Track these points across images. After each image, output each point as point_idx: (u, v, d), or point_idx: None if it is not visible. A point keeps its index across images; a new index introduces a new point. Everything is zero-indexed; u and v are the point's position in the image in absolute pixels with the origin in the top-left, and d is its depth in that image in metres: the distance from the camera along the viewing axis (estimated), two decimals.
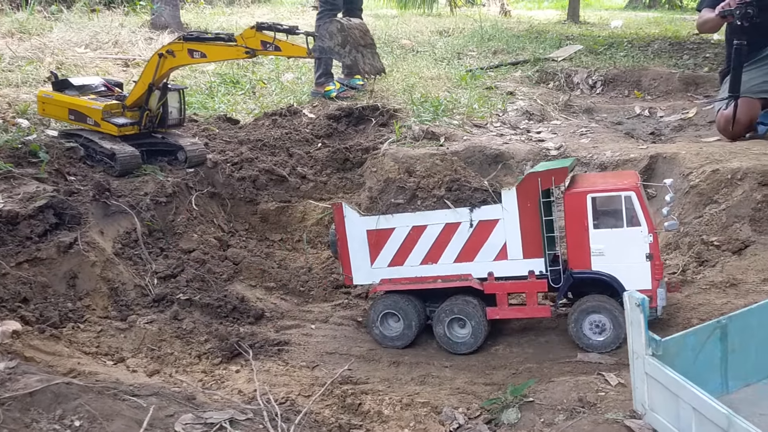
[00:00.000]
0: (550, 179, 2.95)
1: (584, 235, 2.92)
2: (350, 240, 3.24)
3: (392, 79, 6.40)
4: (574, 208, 2.92)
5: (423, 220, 3.15)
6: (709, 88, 6.81)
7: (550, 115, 6.17)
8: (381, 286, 3.25)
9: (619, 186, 2.87)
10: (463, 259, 3.14)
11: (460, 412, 2.67)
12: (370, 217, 3.23)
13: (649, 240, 2.84)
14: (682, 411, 1.72)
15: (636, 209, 2.84)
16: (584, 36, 9.54)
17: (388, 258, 3.23)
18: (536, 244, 3.04)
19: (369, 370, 3.12)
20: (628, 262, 2.88)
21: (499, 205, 3.05)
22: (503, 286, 3.13)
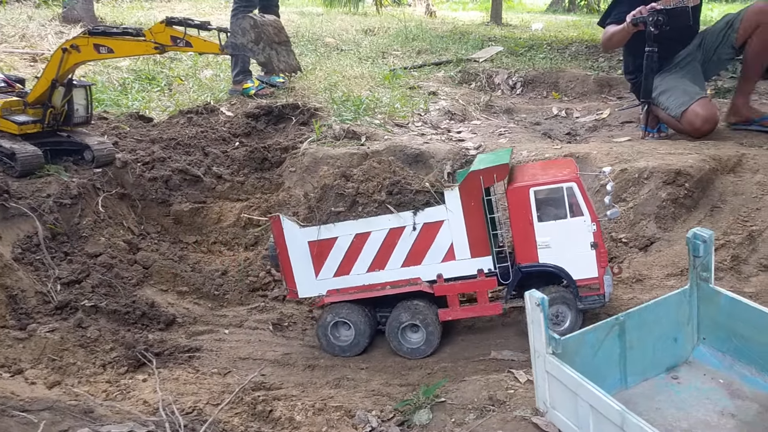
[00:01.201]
0: (492, 176, 2.93)
1: (529, 229, 2.91)
2: (291, 253, 3.11)
3: (314, 77, 6.33)
4: (517, 202, 2.90)
5: (366, 227, 3.05)
6: (622, 89, 7.04)
7: (471, 115, 6.24)
8: (328, 297, 3.14)
9: (560, 178, 2.89)
10: (411, 263, 3.08)
11: (373, 414, 2.64)
12: (310, 227, 3.09)
13: (592, 229, 2.88)
14: (580, 408, 1.74)
15: (578, 199, 2.87)
16: (506, 38, 9.72)
17: (333, 268, 3.13)
18: (483, 243, 3.02)
19: (283, 375, 3.06)
20: (573, 252, 2.91)
21: (442, 206, 3.00)
22: (453, 287, 3.09)
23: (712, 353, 2.12)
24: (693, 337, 2.16)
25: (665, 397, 2.02)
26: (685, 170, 3.85)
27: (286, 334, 3.41)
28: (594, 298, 2.93)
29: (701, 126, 4.41)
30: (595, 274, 2.90)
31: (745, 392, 1.97)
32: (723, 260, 3.40)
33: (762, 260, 3.35)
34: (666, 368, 2.13)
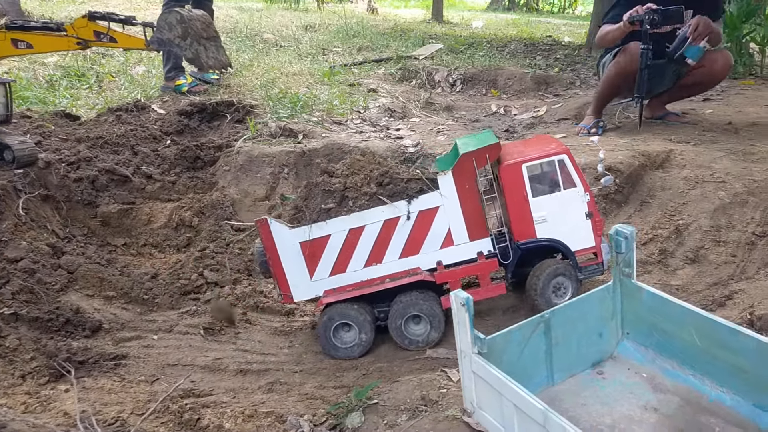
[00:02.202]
0: (484, 157, 2.89)
1: (525, 206, 2.90)
2: (283, 256, 2.98)
3: (251, 74, 6.21)
4: (511, 180, 2.88)
5: (360, 221, 2.96)
6: (558, 87, 7.17)
7: (411, 113, 6.23)
8: (326, 298, 3.02)
9: (551, 151, 2.89)
10: (409, 253, 3.01)
11: (305, 419, 2.59)
12: (300, 227, 2.96)
13: (586, 198, 2.91)
14: (505, 408, 1.73)
15: (570, 171, 2.88)
16: (447, 35, 9.77)
17: (328, 267, 3.02)
18: (480, 225, 2.98)
19: (213, 381, 2.97)
20: (570, 224, 2.92)
21: (437, 192, 2.93)
22: (455, 273, 3.02)
23: (636, 348, 2.15)
24: (617, 332, 2.18)
25: (591, 393, 2.03)
26: (615, 166, 3.93)
27: (218, 338, 3.32)
28: (593, 267, 2.98)
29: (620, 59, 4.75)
30: (593, 244, 2.95)
31: (666, 386, 2.00)
32: (651, 254, 3.48)
33: (688, 253, 3.45)
34: (591, 364, 2.15)
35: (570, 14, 19.05)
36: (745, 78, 6.89)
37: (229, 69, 3.87)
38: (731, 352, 1.83)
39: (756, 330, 2.69)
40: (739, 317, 2.80)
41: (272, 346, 3.25)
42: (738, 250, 3.39)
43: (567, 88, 7.12)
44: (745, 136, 4.66)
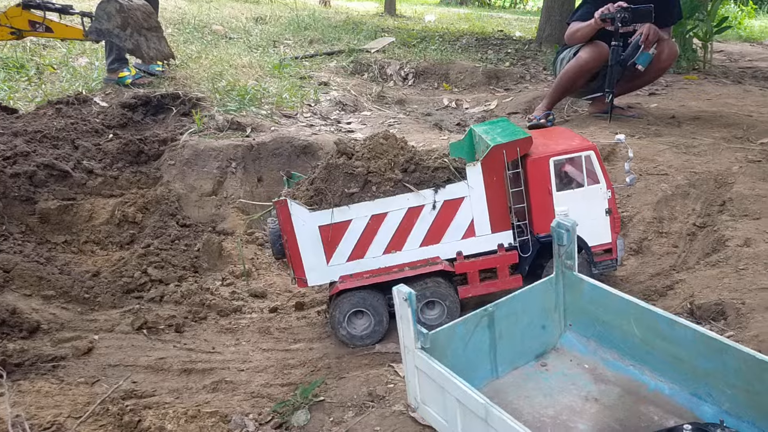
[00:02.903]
0: (515, 150, 2.84)
1: (548, 199, 2.87)
2: (300, 239, 2.87)
3: (198, 66, 6.07)
4: (537, 173, 2.85)
5: (383, 207, 2.86)
6: (509, 81, 7.24)
7: (363, 106, 6.20)
8: (343, 284, 2.94)
9: (579, 146, 2.87)
10: (430, 242, 2.94)
11: (250, 418, 2.54)
12: (321, 211, 2.86)
13: (608, 196, 2.90)
14: (448, 403, 1.72)
15: (595, 167, 2.86)
16: (399, 29, 9.76)
17: (346, 253, 2.93)
18: (504, 217, 2.93)
19: (156, 381, 2.89)
20: (590, 220, 2.90)
21: (464, 183, 2.86)
22: (474, 264, 2.97)
23: (578, 339, 2.17)
24: (560, 323, 2.20)
25: (534, 385, 2.04)
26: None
27: (162, 337, 3.23)
28: (608, 262, 2.98)
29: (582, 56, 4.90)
30: (609, 240, 2.95)
31: (607, 376, 2.03)
32: None
33: (632, 245, 3.51)
34: (535, 356, 2.16)
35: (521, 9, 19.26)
36: (688, 73, 7.07)
37: (173, 60, 3.75)
38: (669, 343, 1.86)
39: (696, 319, 2.75)
40: (680, 307, 2.86)
41: (218, 344, 3.18)
42: (679, 241, 3.46)
43: (517, 83, 7.18)
44: (687, 130, 4.78)
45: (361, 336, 3.03)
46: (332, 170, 2.88)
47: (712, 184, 3.78)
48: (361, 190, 2.85)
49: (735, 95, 5.97)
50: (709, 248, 3.30)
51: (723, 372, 1.72)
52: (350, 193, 2.83)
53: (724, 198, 3.63)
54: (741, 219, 3.38)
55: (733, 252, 3.09)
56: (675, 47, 5.03)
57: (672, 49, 4.92)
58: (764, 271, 2.84)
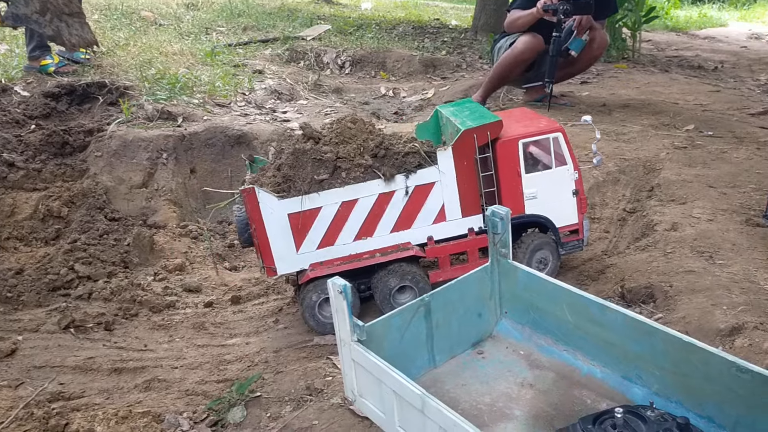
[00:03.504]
0: (486, 134, 2.80)
1: (517, 182, 2.86)
2: (269, 227, 2.78)
3: (126, 53, 5.84)
4: (506, 156, 2.83)
5: (354, 194, 2.80)
6: (445, 70, 7.26)
7: (299, 95, 6.11)
8: (313, 272, 2.86)
9: (548, 128, 2.86)
10: (401, 227, 2.89)
11: (184, 417, 2.47)
12: (291, 198, 2.77)
13: (575, 177, 2.91)
14: (385, 395, 1.70)
15: (563, 149, 2.86)
16: (335, 16, 9.66)
17: (316, 240, 2.85)
18: (474, 201, 2.91)
19: (85, 382, 2.77)
20: (557, 201, 2.92)
21: (434, 168, 2.81)
22: (445, 249, 2.94)
23: (514, 326, 2.19)
24: (496, 311, 2.21)
25: (471, 373, 2.05)
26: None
27: (91, 335, 3.11)
28: (574, 243, 3.00)
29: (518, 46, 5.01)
30: (576, 221, 2.96)
31: (542, 362, 2.05)
32: None
33: None
34: (472, 344, 2.17)
35: None
36: (618, 62, 7.26)
37: (97, 48, 3.58)
38: (601, 327, 1.89)
39: (626, 302, 2.83)
40: (612, 290, 2.93)
41: (150, 341, 3.08)
42: (611, 226, 3.55)
43: (454, 71, 7.22)
44: (617, 117, 4.91)
45: (332, 323, 2.97)
46: (300, 156, 2.79)
47: (641, 171, 3.89)
48: (330, 176, 2.79)
49: (662, 83, 6.16)
50: (639, 233, 3.40)
51: (652, 354, 1.76)
52: (320, 180, 2.77)
53: (653, 184, 3.74)
54: (668, 204, 3.49)
55: (661, 236, 3.18)
56: (606, 37, 5.17)
57: (603, 39, 5.05)
58: (690, 254, 2.94)
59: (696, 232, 3.10)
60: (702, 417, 1.67)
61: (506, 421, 1.83)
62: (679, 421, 1.52)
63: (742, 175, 3.70)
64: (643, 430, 1.53)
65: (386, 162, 2.81)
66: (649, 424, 1.53)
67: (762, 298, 2.47)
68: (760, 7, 14.71)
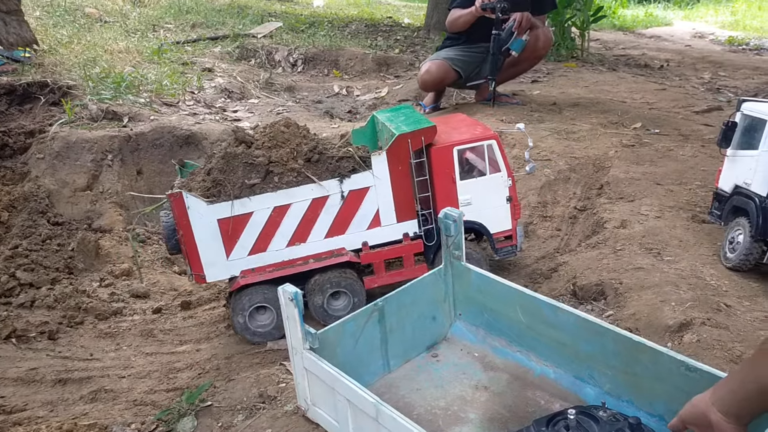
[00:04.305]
0: (420, 139, 2.77)
1: (452, 188, 2.85)
2: (197, 233, 2.68)
3: (69, 51, 5.65)
4: (441, 162, 2.81)
5: (286, 199, 2.73)
6: (399, 68, 7.25)
7: (250, 93, 6.02)
8: (245, 279, 2.77)
9: (481, 135, 2.87)
10: (335, 233, 2.84)
11: (132, 428, 2.39)
12: (220, 203, 2.67)
13: (508, 184, 2.91)
14: (338, 403, 1.67)
15: (497, 156, 2.86)
16: (287, 14, 9.55)
17: (247, 246, 2.77)
18: (409, 207, 2.88)
19: (27, 395, 2.66)
20: (491, 207, 2.92)
21: (369, 172, 2.78)
22: (380, 254, 2.90)
23: (468, 328, 2.19)
24: (450, 314, 2.21)
25: (426, 377, 2.04)
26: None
27: (33, 345, 2.98)
28: (509, 248, 3.00)
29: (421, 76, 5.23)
30: (510, 227, 2.98)
31: (496, 364, 2.05)
32: None
33: None
34: (426, 347, 2.16)
35: None
36: (567, 60, 7.37)
37: (37, 46, 3.44)
38: (553, 328, 1.90)
39: (578, 299, 2.86)
40: (564, 288, 2.96)
41: (97, 350, 2.97)
42: (562, 224, 3.59)
43: (407, 70, 7.21)
44: (567, 116, 4.97)
45: (264, 332, 2.92)
46: (231, 160, 2.72)
47: (591, 169, 3.94)
48: (262, 180, 2.72)
49: (610, 82, 6.27)
50: (590, 230, 3.44)
51: (603, 354, 1.78)
52: (251, 185, 2.71)
53: (602, 182, 3.79)
54: (617, 201, 3.55)
55: (610, 233, 3.23)
56: (550, 34, 5.24)
57: (547, 36, 5.11)
58: (639, 251, 2.99)
59: (644, 229, 3.15)
60: (653, 416, 1.69)
61: (461, 425, 1.82)
62: (631, 421, 1.53)
63: (688, 172, 3.78)
64: (595, 430, 1.54)
65: (320, 166, 2.79)
66: (601, 425, 1.54)
67: (709, 294, 2.52)
68: (704, 6, 15.17)
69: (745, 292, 2.61)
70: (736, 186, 2.76)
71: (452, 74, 5.11)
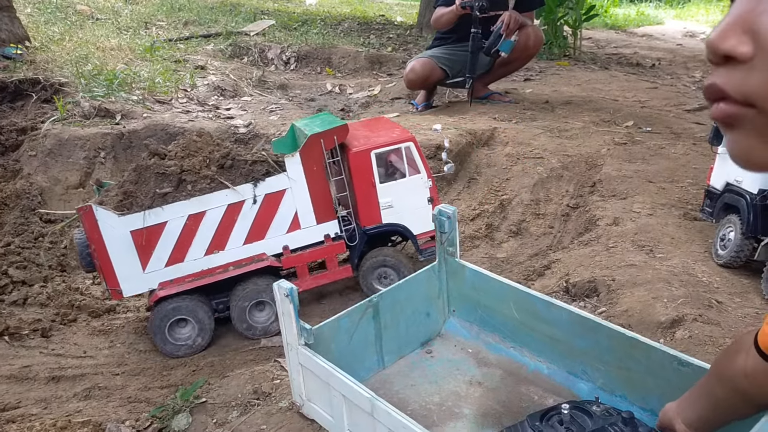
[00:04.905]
0: (332, 139, 2.80)
1: (372, 192, 2.88)
2: (110, 247, 2.64)
3: (61, 48, 5.63)
4: (359, 166, 2.83)
5: (200, 206, 2.71)
6: (391, 66, 7.25)
7: (243, 91, 6.01)
8: (162, 291, 2.74)
9: (398, 138, 2.89)
10: (254, 238, 2.83)
11: (127, 425, 2.39)
12: (132, 215, 2.64)
13: (429, 185, 2.96)
14: (333, 398, 1.68)
15: (415, 157, 2.90)
16: (279, 11, 9.54)
17: (164, 257, 2.74)
18: (328, 207, 2.90)
19: (21, 392, 2.66)
20: (413, 209, 2.97)
21: (283, 175, 2.78)
22: (302, 257, 2.91)
23: (462, 324, 2.20)
24: (444, 310, 2.21)
25: (420, 373, 2.05)
26: (444, 144, 4.02)
27: (26, 343, 2.98)
28: (432, 249, 3.01)
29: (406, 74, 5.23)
30: (432, 227, 2.96)
31: (490, 360, 2.06)
32: (479, 229, 3.61)
33: (511, 227, 3.61)
34: (420, 343, 2.16)
35: None
36: (560, 59, 7.39)
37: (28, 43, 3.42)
38: (547, 324, 1.91)
39: (571, 296, 2.88)
40: (557, 285, 2.98)
41: (90, 347, 2.97)
42: (555, 221, 3.61)
43: (400, 68, 7.20)
44: (560, 114, 4.99)
45: (186, 345, 2.89)
46: (142, 172, 2.72)
47: (584, 167, 3.96)
48: (175, 189, 2.72)
49: (602, 80, 6.30)
50: (582, 228, 3.46)
51: (596, 350, 1.79)
52: (163, 194, 2.69)
53: (595, 179, 3.81)
54: (609, 199, 3.57)
55: (603, 231, 3.25)
56: (540, 32, 5.25)
57: (538, 35, 5.12)
58: (631, 248, 3.01)
59: (636, 227, 3.17)
60: (645, 410, 1.70)
61: (455, 420, 1.83)
62: (624, 416, 1.54)
63: (680, 170, 3.81)
64: (589, 425, 1.55)
65: (234, 172, 2.78)
66: (594, 419, 1.55)
67: (700, 291, 2.54)
68: (695, 5, 15.24)
69: (736, 288, 2.63)
70: (728, 183, 2.79)
71: (438, 72, 5.10)
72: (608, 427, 1.52)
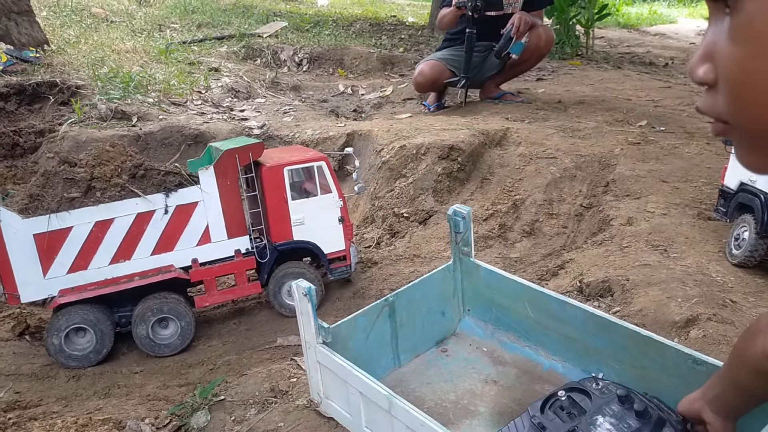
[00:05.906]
0: (247, 155, 2.85)
1: (284, 207, 2.93)
2: (11, 249, 2.60)
3: (77, 51, 5.70)
4: (272, 182, 2.89)
5: (109, 213, 2.70)
6: (403, 67, 7.28)
7: (256, 93, 6.05)
8: (63, 298, 2.70)
9: (311, 156, 2.97)
10: (162, 249, 2.84)
11: (147, 423, 2.43)
12: (36, 218, 2.61)
13: (340, 204, 3.02)
14: (351, 396, 1.70)
15: (327, 177, 2.96)
16: (291, 13, 9.59)
17: (66, 263, 2.70)
18: (239, 223, 2.94)
19: (42, 390, 2.71)
20: (324, 228, 3.03)
21: (197, 187, 2.81)
22: (210, 271, 2.93)
23: (477, 323, 2.22)
24: (459, 309, 2.23)
25: (435, 371, 2.07)
26: (457, 145, 4.04)
27: None
28: (343, 269, 3.12)
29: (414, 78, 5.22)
30: (343, 247, 3.09)
31: (505, 358, 2.08)
32: (492, 229, 3.63)
33: (524, 227, 3.63)
34: (436, 342, 2.18)
35: None
36: (572, 58, 7.39)
37: (47, 46, 3.48)
38: (561, 323, 1.92)
39: (585, 296, 2.88)
40: (571, 285, 2.99)
41: None
42: (568, 221, 3.62)
43: (412, 68, 7.21)
44: (573, 114, 4.99)
45: (81, 356, 2.84)
46: (50, 177, 2.70)
47: (597, 166, 3.97)
48: (83, 195, 2.71)
49: (615, 80, 6.29)
50: (596, 228, 3.47)
51: (611, 348, 1.81)
52: (71, 198, 2.67)
53: (608, 179, 3.81)
54: (623, 199, 3.57)
55: (617, 231, 3.25)
56: (551, 32, 5.26)
57: (549, 35, 5.12)
58: (645, 248, 3.02)
59: (650, 227, 3.18)
60: None
61: (471, 418, 1.85)
62: (619, 393, 1.54)
63: (694, 169, 3.80)
64: (589, 405, 1.54)
65: (145, 182, 2.79)
66: (594, 399, 1.55)
67: (714, 290, 2.55)
68: None
69: (750, 288, 2.63)
70: (742, 183, 2.79)
71: (447, 74, 5.11)
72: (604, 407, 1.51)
